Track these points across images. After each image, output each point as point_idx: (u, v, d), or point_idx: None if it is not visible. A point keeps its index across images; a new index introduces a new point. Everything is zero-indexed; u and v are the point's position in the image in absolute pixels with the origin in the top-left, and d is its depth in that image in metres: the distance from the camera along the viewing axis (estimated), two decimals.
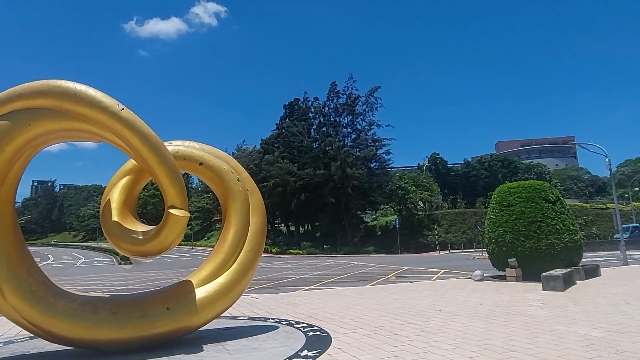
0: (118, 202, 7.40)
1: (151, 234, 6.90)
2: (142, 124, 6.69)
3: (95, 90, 6.60)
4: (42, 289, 6.48)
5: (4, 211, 6.41)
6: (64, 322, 6.38)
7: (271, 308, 10.91)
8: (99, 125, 6.55)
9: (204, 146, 8.33)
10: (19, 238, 6.70)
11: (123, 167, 7.87)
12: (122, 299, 7.31)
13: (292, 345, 6.87)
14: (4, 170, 6.27)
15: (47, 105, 6.41)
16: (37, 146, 6.76)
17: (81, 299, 6.82)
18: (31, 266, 6.64)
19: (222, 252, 7.66)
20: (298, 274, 23.90)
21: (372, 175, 54.61)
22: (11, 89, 6.47)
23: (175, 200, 6.77)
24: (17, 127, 6.24)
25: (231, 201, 7.93)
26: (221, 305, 7.40)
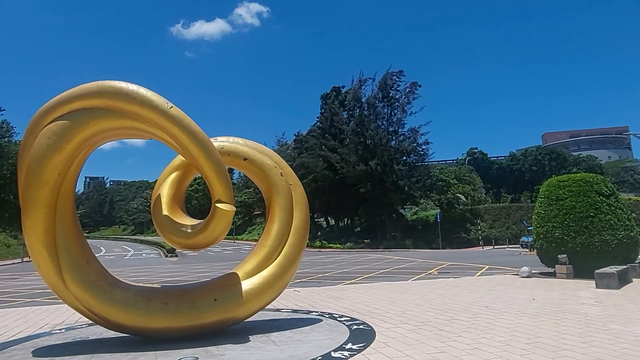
0: (168, 196, 7.70)
1: (199, 228, 7.14)
2: (190, 121, 6.90)
3: (146, 89, 6.87)
4: (100, 278, 6.86)
5: (65, 205, 6.81)
6: (120, 310, 6.72)
7: (314, 301, 11.02)
8: (149, 123, 6.82)
9: (247, 142, 8.49)
10: (79, 230, 7.10)
11: (172, 163, 8.16)
12: (172, 290, 7.61)
13: (337, 338, 6.92)
14: (65, 167, 6.65)
15: (103, 105, 6.74)
16: (94, 144, 7.12)
17: (135, 289, 7.17)
18: (90, 257, 7.03)
19: (267, 245, 7.80)
20: (338, 268, 23.98)
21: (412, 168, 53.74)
22: (70, 91, 6.84)
23: (221, 195, 6.96)
24: (76, 126, 6.60)
25: (275, 196, 8.05)
26: (266, 297, 7.56)
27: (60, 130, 6.56)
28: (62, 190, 6.75)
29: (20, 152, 6.94)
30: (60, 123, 6.61)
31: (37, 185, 6.47)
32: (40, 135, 6.59)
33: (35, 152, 6.52)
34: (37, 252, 6.54)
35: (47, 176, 6.49)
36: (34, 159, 6.50)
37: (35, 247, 6.52)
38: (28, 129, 6.77)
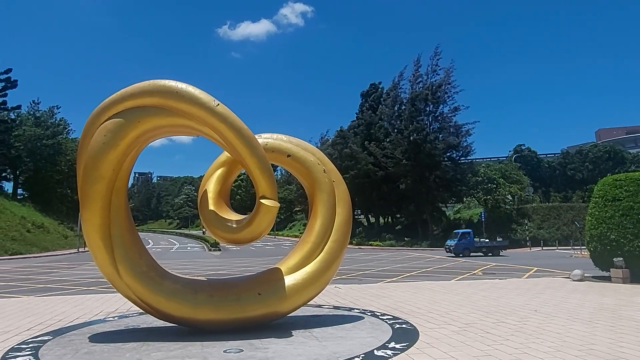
0: (214, 192, 7.89)
1: (244, 223, 7.28)
2: (236, 118, 7.04)
3: (194, 88, 7.07)
4: (151, 270, 7.14)
5: (119, 199, 7.13)
6: (169, 301, 6.98)
7: (355, 299, 11.00)
8: (197, 120, 7.02)
9: (291, 138, 8.56)
10: (131, 224, 7.43)
11: (217, 160, 8.36)
12: (218, 283, 7.82)
13: (379, 337, 6.88)
14: (119, 163, 6.96)
15: (154, 104, 7.00)
16: (146, 140, 7.41)
17: (183, 281, 7.42)
18: (141, 249, 7.34)
19: (309, 241, 7.85)
20: (379, 266, 23.81)
21: (456, 165, 52.38)
22: (124, 90, 7.14)
23: (266, 191, 7.06)
24: (129, 124, 6.88)
25: (318, 192, 8.08)
26: (308, 293, 7.61)
27: (115, 127, 6.87)
28: (116, 185, 7.07)
29: (78, 148, 7.33)
30: (114, 121, 6.91)
31: (93, 180, 6.82)
32: (96, 132, 6.93)
33: (92, 149, 6.85)
34: (93, 243, 6.90)
35: (103, 171, 6.81)
36: (91, 156, 6.84)
37: (92, 238, 6.88)
38: (85, 126, 7.13)
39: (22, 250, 41.50)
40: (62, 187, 67.41)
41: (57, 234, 53.95)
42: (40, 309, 10.13)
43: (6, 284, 17.10)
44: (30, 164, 62.60)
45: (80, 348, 6.38)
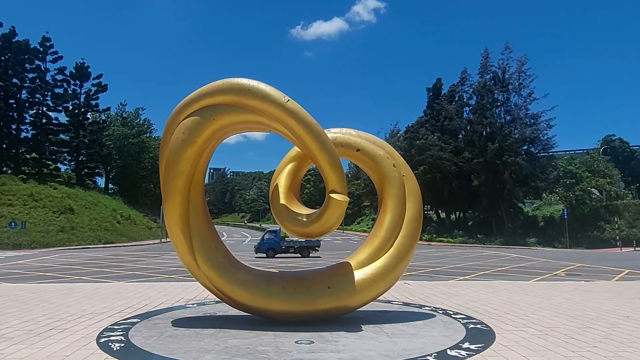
0: (284, 186, 8.06)
1: (314, 217, 7.36)
2: (306, 113, 7.12)
3: (265, 84, 7.25)
4: (226, 261, 7.47)
5: (196, 193, 7.52)
6: (243, 291, 7.26)
7: (426, 296, 10.74)
8: (268, 116, 7.19)
9: (360, 133, 8.51)
10: (208, 217, 7.82)
11: (288, 155, 8.52)
12: (289, 275, 7.99)
13: (452, 336, 6.65)
14: (196, 158, 7.33)
15: (227, 101, 7.27)
16: (220, 137, 7.74)
17: (256, 272, 7.68)
18: (217, 241, 7.70)
19: (379, 236, 7.77)
20: (450, 263, 23.06)
21: (533, 159, 49.15)
22: (200, 89, 7.50)
23: (335, 186, 7.08)
24: (205, 121, 7.22)
25: (387, 187, 7.97)
26: (378, 288, 7.55)
27: (192, 125, 7.23)
28: (194, 179, 7.46)
29: (160, 145, 7.83)
30: (192, 119, 7.28)
31: (174, 175, 7.24)
32: (176, 130, 7.34)
33: (172, 146, 7.28)
34: (174, 234, 7.35)
35: (182, 167, 7.21)
36: (171, 152, 7.27)
37: (173, 229, 7.33)
38: (166, 125, 7.59)
39: (113, 239, 45.49)
40: (146, 182, 72.92)
41: (143, 225, 58.39)
42: (130, 293, 11.02)
43: (100, 269, 18.82)
44: (119, 161, 68.28)
45: (164, 331, 6.84)
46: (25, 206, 43.78)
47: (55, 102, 59.46)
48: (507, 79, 49.28)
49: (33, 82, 57.37)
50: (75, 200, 49.57)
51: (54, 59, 59.18)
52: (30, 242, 37.78)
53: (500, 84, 49.41)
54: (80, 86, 61.81)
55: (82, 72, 61.67)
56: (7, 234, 37.54)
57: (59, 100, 59.59)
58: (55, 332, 6.87)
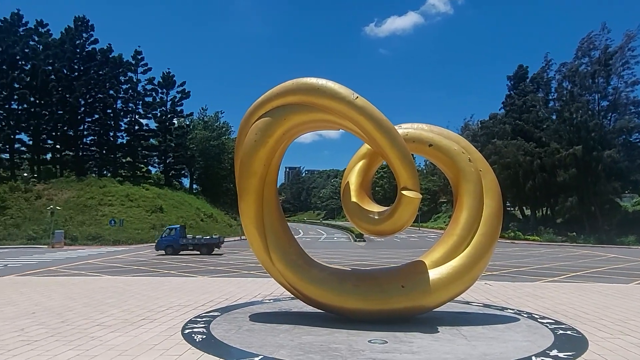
0: (355, 184, 8.03)
1: (386, 214, 7.24)
2: (375, 110, 7.03)
3: (334, 82, 7.26)
4: (300, 258, 7.60)
5: (270, 192, 7.74)
6: (317, 288, 7.34)
7: (508, 297, 10.13)
8: (338, 114, 7.19)
9: (432, 127, 8.23)
10: (281, 215, 8.01)
11: (358, 152, 8.47)
12: (362, 274, 7.96)
13: (538, 342, 6.19)
14: (269, 158, 7.53)
15: (297, 101, 7.38)
16: (291, 136, 7.88)
17: (330, 270, 7.73)
18: (291, 239, 7.87)
19: (455, 234, 7.45)
20: (536, 263, 21.56)
21: (632, 149, 44.21)
22: (271, 90, 7.69)
23: (407, 182, 6.91)
24: (276, 122, 7.39)
25: (463, 182, 7.62)
26: (455, 288, 7.24)
27: (264, 126, 7.43)
28: (267, 179, 7.68)
29: (235, 146, 8.15)
30: (264, 120, 7.48)
31: (248, 175, 7.51)
32: (249, 131, 7.60)
33: (246, 147, 7.54)
34: (250, 232, 7.62)
35: (256, 167, 7.45)
36: (245, 153, 7.54)
37: (249, 227, 7.60)
38: (240, 126, 7.89)
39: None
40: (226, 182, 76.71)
41: (224, 223, 61.53)
42: (212, 288, 11.65)
43: (186, 265, 20.13)
44: (201, 162, 72.55)
45: (242, 325, 7.13)
46: (122, 206, 48.14)
47: (146, 110, 64.84)
48: (609, 58, 44.38)
49: (127, 93, 63.02)
50: (165, 200, 53.52)
51: (144, 70, 64.47)
52: (127, 238, 41.42)
53: (600, 65, 44.55)
54: (166, 94, 66.63)
55: (168, 81, 66.38)
56: (108, 230, 41.63)
57: (149, 108, 64.83)
58: (146, 322, 7.45)
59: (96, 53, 60.64)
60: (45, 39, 58.61)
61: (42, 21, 59.52)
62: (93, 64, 59.88)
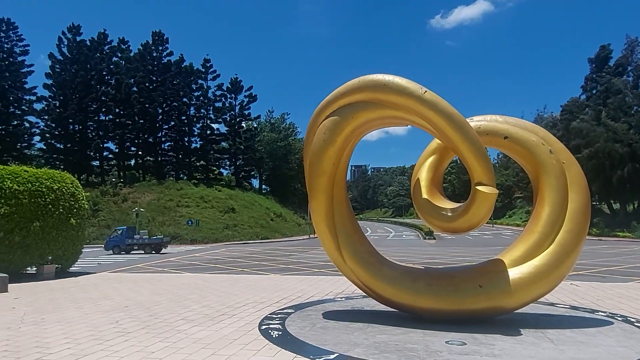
0: (426, 180, 7.83)
1: (459, 211, 6.98)
2: (445, 104, 6.80)
3: (400, 78, 7.14)
4: (371, 256, 7.56)
5: (339, 190, 7.77)
6: (389, 287, 7.26)
7: (597, 299, 9.36)
8: (406, 109, 7.05)
9: (507, 118, 7.82)
10: (351, 213, 8.01)
11: (428, 147, 8.25)
12: (436, 272, 7.73)
13: (636, 347, 5.66)
14: (338, 157, 7.56)
15: (364, 99, 7.34)
16: (359, 134, 7.86)
17: (401, 268, 7.61)
18: (361, 237, 7.85)
19: (536, 231, 7.01)
20: (629, 262, 19.70)
21: None
22: (337, 89, 7.71)
23: (482, 177, 6.61)
24: (344, 120, 7.40)
25: (543, 176, 7.15)
26: (537, 289, 6.82)
27: (332, 125, 7.47)
28: (337, 177, 7.72)
29: (304, 146, 8.28)
30: (331, 119, 7.53)
31: (317, 174, 7.59)
32: (317, 131, 7.68)
33: (315, 146, 7.63)
34: (321, 230, 7.71)
35: (325, 166, 7.51)
36: (314, 152, 7.63)
37: (320, 226, 7.69)
38: (308, 126, 7.99)
39: (268, 235, 49.93)
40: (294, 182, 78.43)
41: (292, 222, 62.87)
42: (285, 285, 11.95)
43: (259, 263, 20.82)
44: (269, 163, 74.72)
45: (316, 322, 7.23)
46: (198, 207, 50.88)
47: (216, 115, 68.03)
48: None
49: (198, 100, 66.51)
50: (236, 201, 55.77)
51: (214, 77, 67.69)
52: (203, 237, 43.69)
53: None
54: (234, 99, 69.39)
55: (236, 86, 69.13)
56: (185, 230, 44.23)
57: (219, 113, 67.95)
58: (225, 317, 7.80)
59: (171, 64, 64.67)
60: (127, 55, 63.58)
61: (123, 38, 64.80)
62: (168, 74, 63.91)
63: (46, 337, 6.58)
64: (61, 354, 5.68)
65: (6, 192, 14.12)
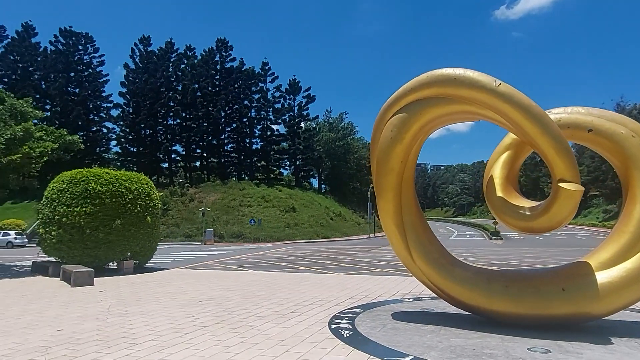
0: (500, 177, 7.46)
1: (539, 210, 6.58)
2: (522, 96, 6.44)
3: (472, 71, 6.83)
4: (442, 257, 7.34)
5: (407, 189, 7.61)
6: (461, 288, 7.00)
7: None
8: (478, 104, 6.75)
9: (590, 110, 7.26)
10: (420, 212, 7.82)
11: (502, 143, 7.86)
12: (512, 274, 7.36)
13: None
14: (405, 155, 7.40)
15: (433, 94, 7.12)
16: (428, 131, 7.64)
17: (474, 269, 7.31)
18: (431, 236, 7.64)
19: (627, 232, 6.46)
20: None
21: None
22: (404, 86, 7.54)
23: (564, 174, 6.19)
24: (412, 117, 7.23)
25: (634, 171, 6.58)
26: (629, 294, 6.26)
27: (399, 122, 7.32)
28: (405, 176, 7.56)
29: (370, 144, 8.18)
30: (399, 116, 7.38)
31: (385, 173, 7.48)
32: (384, 128, 7.56)
33: (382, 144, 7.52)
34: (389, 229, 7.58)
35: (392, 164, 7.38)
36: (381, 150, 7.52)
37: (388, 225, 7.57)
38: (375, 124, 7.89)
39: (328, 234, 50.25)
40: (352, 181, 78.42)
41: (352, 221, 62.82)
42: (350, 284, 11.92)
43: (321, 261, 20.98)
44: (328, 163, 75.21)
45: (386, 323, 7.13)
46: (259, 206, 52.29)
47: (276, 116, 69.58)
48: None
49: (258, 102, 68.38)
50: (296, 200, 56.66)
51: (272, 79, 69.36)
52: (266, 236, 44.83)
53: None
54: (293, 100, 70.59)
55: (295, 87, 70.26)
56: (248, 229, 45.63)
57: (278, 114, 69.44)
58: (294, 315, 7.91)
59: (233, 69, 67.05)
60: (192, 61, 66.74)
61: (190, 45, 68.11)
62: (230, 79, 66.35)
63: (132, 328, 7.02)
64: (146, 345, 6.03)
65: (91, 193, 15.31)
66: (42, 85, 65.90)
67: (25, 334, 6.84)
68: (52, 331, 6.96)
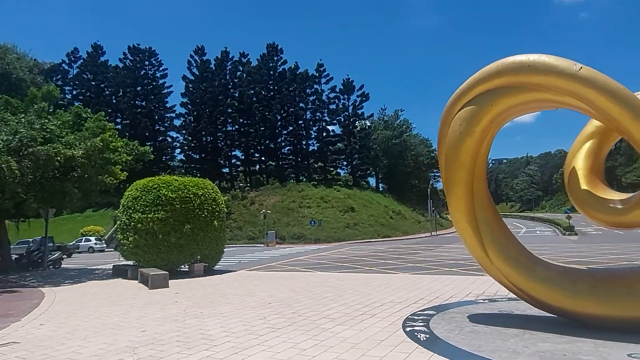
0: (584, 169, 6.94)
1: (633, 202, 6.02)
2: (607, 79, 5.92)
3: (548, 56, 6.38)
4: (521, 255, 6.90)
5: (479, 184, 7.24)
6: (544, 288, 6.54)
7: None
8: (555, 90, 6.29)
9: None
10: (494, 208, 7.42)
11: (584, 132, 7.32)
12: (600, 273, 6.83)
13: None
14: (476, 149, 7.05)
15: (505, 83, 6.72)
16: (499, 123, 7.24)
17: (557, 268, 6.81)
18: (508, 233, 7.21)
19: None
20: None
21: None
22: (472, 77, 7.19)
23: None
24: (482, 109, 6.87)
25: None
26: None
27: (468, 115, 6.99)
28: (476, 171, 7.20)
29: (438, 139, 7.87)
30: (467, 109, 7.05)
31: (454, 168, 7.16)
32: (452, 122, 7.25)
33: (451, 139, 7.21)
34: (462, 227, 7.25)
35: (462, 159, 7.05)
36: (450, 145, 7.21)
37: (460, 222, 7.25)
38: (442, 119, 7.59)
39: (389, 233, 49.60)
40: (410, 179, 76.93)
41: (412, 219, 61.57)
42: (418, 285, 11.61)
43: (385, 261, 20.68)
44: (385, 161, 74.32)
45: (463, 326, 6.82)
46: (319, 207, 52.67)
47: (331, 117, 69.82)
48: None
49: (314, 104, 68.97)
50: (355, 200, 56.46)
51: (327, 80, 69.69)
52: (326, 237, 45.05)
53: None
54: (347, 99, 70.42)
55: (349, 87, 70.10)
56: (309, 230, 46.09)
57: (333, 115, 69.63)
58: (366, 317, 7.79)
59: (286, 72, 68.20)
60: (247, 68, 68.71)
61: (244, 52, 70.18)
62: (284, 82, 67.52)
63: (208, 330, 7.25)
64: (224, 346, 6.18)
65: (162, 199, 16.12)
66: (113, 100, 70.72)
67: (113, 334, 7.26)
68: (136, 332, 7.34)
